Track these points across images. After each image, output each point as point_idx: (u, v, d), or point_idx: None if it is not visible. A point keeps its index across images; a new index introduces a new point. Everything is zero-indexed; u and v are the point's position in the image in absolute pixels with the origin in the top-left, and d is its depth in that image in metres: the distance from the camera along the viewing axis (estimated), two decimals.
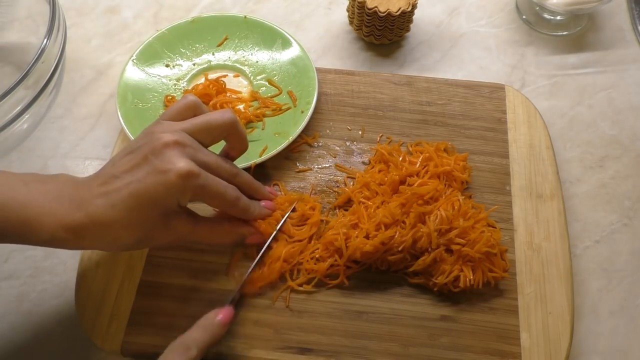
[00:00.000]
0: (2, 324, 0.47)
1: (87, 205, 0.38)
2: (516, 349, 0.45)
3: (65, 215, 0.37)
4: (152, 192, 0.38)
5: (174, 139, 0.39)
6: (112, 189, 0.38)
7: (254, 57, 0.60)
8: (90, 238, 0.38)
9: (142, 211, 0.38)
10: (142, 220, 0.39)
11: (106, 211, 0.38)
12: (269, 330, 0.45)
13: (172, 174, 0.38)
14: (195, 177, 0.38)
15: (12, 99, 0.53)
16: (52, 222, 0.37)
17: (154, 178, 0.38)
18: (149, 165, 0.38)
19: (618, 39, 0.65)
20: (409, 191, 0.48)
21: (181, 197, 0.39)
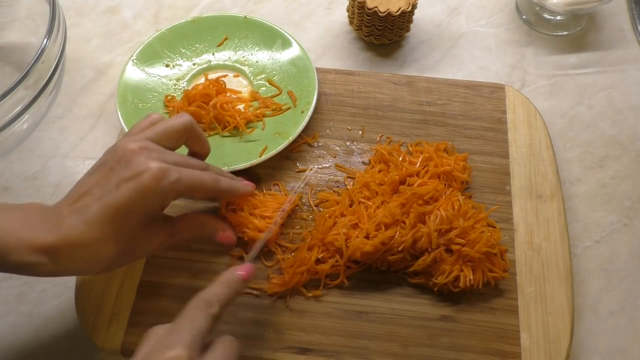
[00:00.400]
0: (2, 324, 0.47)
1: (59, 226, 0.36)
2: (516, 349, 0.45)
3: (35, 238, 0.36)
4: (127, 200, 0.37)
5: (139, 145, 0.38)
6: (82, 204, 0.37)
7: (254, 57, 0.60)
8: (67, 260, 0.37)
9: (119, 223, 0.37)
10: (119, 232, 0.37)
11: (80, 228, 0.36)
12: (269, 330, 0.45)
13: (144, 177, 0.37)
14: (167, 173, 0.38)
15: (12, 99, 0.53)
16: (21, 246, 0.35)
17: (127, 186, 0.37)
18: (118, 174, 0.37)
19: (618, 39, 0.65)
20: (409, 191, 0.48)
21: (162, 199, 0.39)
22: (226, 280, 0.39)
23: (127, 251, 0.39)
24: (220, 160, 0.52)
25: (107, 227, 0.37)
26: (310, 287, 0.47)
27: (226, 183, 0.44)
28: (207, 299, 0.37)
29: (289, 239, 0.49)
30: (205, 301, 0.36)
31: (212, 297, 0.37)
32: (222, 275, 0.39)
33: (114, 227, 0.37)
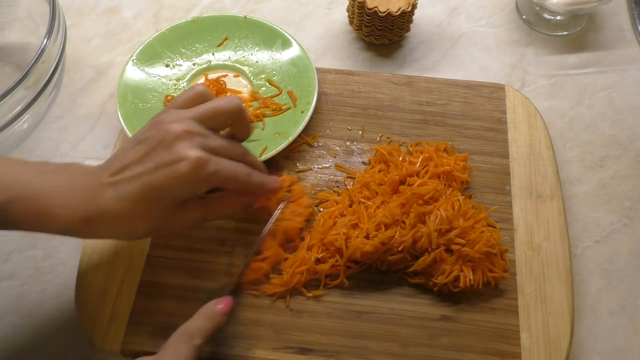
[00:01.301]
0: (2, 324, 0.47)
1: (99, 197, 0.38)
2: (516, 349, 0.45)
3: (78, 207, 0.37)
4: (163, 185, 0.38)
5: (183, 128, 0.38)
6: (120, 179, 0.38)
7: (254, 57, 0.60)
8: (102, 229, 0.38)
9: (153, 203, 0.38)
10: (153, 212, 0.39)
11: (117, 204, 0.38)
12: (269, 330, 0.45)
13: (183, 166, 0.37)
14: (205, 165, 0.38)
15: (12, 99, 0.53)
16: (66, 214, 0.37)
17: (165, 171, 0.37)
18: (159, 157, 0.38)
19: (618, 39, 0.65)
20: (409, 191, 0.48)
21: (196, 187, 0.39)
22: (206, 314, 0.40)
23: (159, 228, 0.40)
24: None
25: (141, 206, 0.38)
26: (310, 287, 0.47)
27: (258, 178, 0.43)
28: (190, 331, 0.38)
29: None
30: (188, 334, 0.38)
31: (194, 329, 0.39)
32: (202, 309, 0.41)
33: (148, 206, 0.38)
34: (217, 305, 0.41)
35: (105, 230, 0.39)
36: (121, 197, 0.38)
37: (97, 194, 0.38)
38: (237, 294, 0.45)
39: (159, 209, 0.39)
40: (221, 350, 0.44)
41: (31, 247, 0.51)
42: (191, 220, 0.42)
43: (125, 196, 0.38)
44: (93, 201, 0.38)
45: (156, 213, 0.39)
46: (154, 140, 0.39)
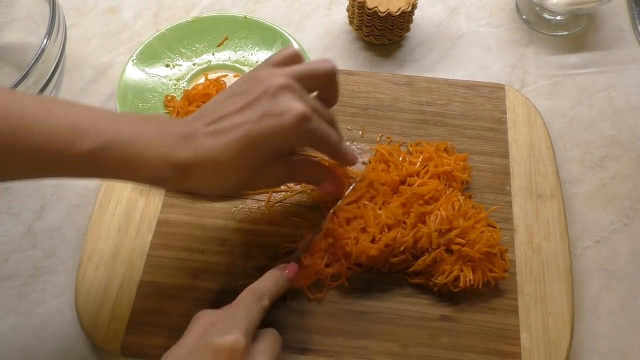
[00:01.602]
0: (2, 324, 0.47)
1: (196, 144, 0.37)
2: (516, 349, 0.45)
3: (171, 153, 0.36)
4: (268, 135, 0.37)
5: (286, 82, 0.38)
6: (221, 128, 0.37)
7: (254, 57, 0.60)
8: (196, 178, 0.37)
9: (254, 154, 0.38)
10: (251, 163, 0.38)
11: (216, 151, 0.37)
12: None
13: (288, 117, 0.37)
14: (309, 119, 0.38)
15: None
16: (159, 160, 0.36)
17: (270, 121, 0.37)
18: (263, 107, 0.37)
19: (618, 39, 0.65)
20: (409, 191, 0.48)
21: (297, 140, 0.39)
22: (275, 277, 0.41)
23: (249, 180, 0.39)
24: None
25: (241, 156, 0.37)
26: (311, 288, 0.47)
27: (345, 148, 0.44)
28: (260, 291, 0.39)
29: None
30: (257, 293, 0.38)
31: (263, 290, 0.39)
32: (270, 272, 0.41)
33: (247, 156, 0.37)
34: (286, 270, 0.42)
35: (197, 179, 0.37)
36: (222, 145, 0.37)
37: (194, 141, 0.37)
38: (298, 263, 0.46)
39: (256, 160, 0.38)
40: None
41: (31, 247, 0.51)
42: (276, 179, 0.42)
43: (227, 144, 0.37)
44: (189, 147, 0.36)
45: (252, 165, 0.38)
46: (255, 91, 0.38)
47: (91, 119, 0.36)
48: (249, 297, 0.38)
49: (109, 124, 0.36)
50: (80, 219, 0.52)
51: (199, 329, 0.37)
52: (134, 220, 0.50)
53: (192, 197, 0.51)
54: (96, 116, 0.36)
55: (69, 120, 0.35)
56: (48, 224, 0.52)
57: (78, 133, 0.35)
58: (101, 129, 0.35)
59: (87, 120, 0.35)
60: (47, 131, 0.34)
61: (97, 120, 0.36)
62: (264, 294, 0.39)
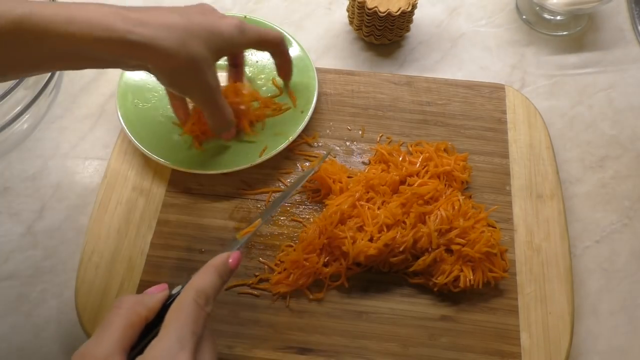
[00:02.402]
0: (2, 324, 0.47)
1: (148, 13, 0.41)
2: (516, 349, 0.45)
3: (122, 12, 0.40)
4: (215, 27, 0.44)
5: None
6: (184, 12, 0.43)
7: (254, 57, 0.60)
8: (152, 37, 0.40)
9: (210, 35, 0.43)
10: (207, 42, 0.43)
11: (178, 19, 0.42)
12: (269, 330, 0.45)
13: (231, 20, 0.45)
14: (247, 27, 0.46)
15: (12, 99, 0.53)
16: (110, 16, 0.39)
17: (219, 20, 0.44)
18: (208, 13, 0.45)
19: (618, 39, 0.65)
20: (409, 191, 0.48)
21: (240, 36, 0.45)
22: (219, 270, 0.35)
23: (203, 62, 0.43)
24: (221, 160, 0.52)
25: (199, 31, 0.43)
26: (311, 288, 0.47)
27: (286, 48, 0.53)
28: (205, 293, 0.34)
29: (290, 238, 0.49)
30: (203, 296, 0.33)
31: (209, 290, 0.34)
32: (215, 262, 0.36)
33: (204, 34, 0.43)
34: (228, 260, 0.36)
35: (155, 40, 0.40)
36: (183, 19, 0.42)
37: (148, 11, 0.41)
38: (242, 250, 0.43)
39: (209, 45, 0.43)
40: (221, 350, 0.44)
41: (31, 247, 0.51)
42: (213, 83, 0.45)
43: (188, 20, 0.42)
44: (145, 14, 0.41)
45: (208, 47, 0.43)
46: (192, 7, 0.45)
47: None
48: (194, 304, 0.32)
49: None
50: (80, 219, 0.52)
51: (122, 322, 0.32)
52: (134, 220, 0.50)
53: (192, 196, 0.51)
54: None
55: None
56: (48, 224, 0.52)
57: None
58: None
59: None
60: None
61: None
62: (210, 295, 0.34)
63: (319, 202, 0.51)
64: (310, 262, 0.46)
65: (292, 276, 0.46)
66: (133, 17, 0.39)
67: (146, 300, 0.33)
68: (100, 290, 0.47)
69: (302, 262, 0.46)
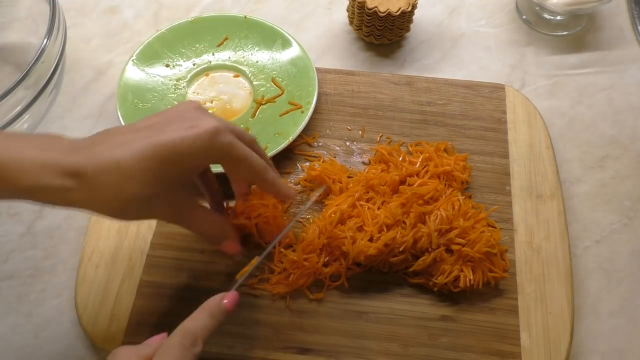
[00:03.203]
0: (2, 324, 0.47)
1: (90, 151, 0.33)
2: (516, 349, 0.45)
3: (59, 159, 0.32)
4: (175, 142, 0.34)
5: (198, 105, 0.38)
6: (126, 139, 0.34)
7: (254, 57, 0.60)
8: (89, 187, 0.33)
9: (163, 164, 0.34)
10: (157, 173, 0.34)
11: (120, 157, 0.33)
12: (269, 330, 0.45)
13: (200, 128, 0.35)
14: (224, 133, 0.36)
15: (12, 99, 0.53)
16: (40, 166, 0.32)
17: (180, 132, 0.34)
18: (175, 121, 0.35)
19: (618, 39, 0.65)
20: (409, 191, 0.48)
21: (208, 155, 0.36)
22: (212, 312, 0.36)
23: (148, 200, 0.35)
24: None
25: (152, 163, 0.34)
26: (311, 288, 0.47)
27: (274, 176, 0.41)
28: (193, 334, 0.34)
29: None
30: (190, 338, 0.34)
31: (198, 331, 0.35)
32: (208, 305, 0.37)
33: (159, 165, 0.34)
34: (223, 301, 0.37)
35: (91, 189, 0.33)
36: (122, 151, 0.33)
37: (90, 149, 0.34)
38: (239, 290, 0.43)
39: (162, 174, 0.35)
40: (221, 350, 0.44)
41: (31, 247, 0.51)
42: (175, 211, 0.38)
43: (128, 150, 0.33)
44: (81, 155, 0.33)
45: (158, 178, 0.34)
46: (171, 111, 0.37)
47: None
48: (179, 346, 0.33)
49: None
50: (80, 219, 0.52)
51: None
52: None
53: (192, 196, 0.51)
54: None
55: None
56: (48, 224, 0.52)
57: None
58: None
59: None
60: None
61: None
62: (198, 336, 0.34)
63: (318, 202, 0.51)
64: (310, 262, 0.46)
65: (292, 276, 0.46)
66: (68, 168, 0.32)
67: (142, 351, 0.34)
68: (100, 290, 0.47)
69: (301, 262, 0.46)
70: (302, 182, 0.52)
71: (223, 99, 0.58)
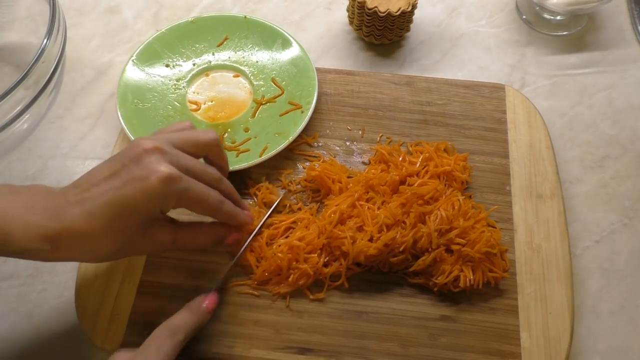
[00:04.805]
0: (2, 324, 0.47)
1: (63, 215, 0.36)
2: (516, 349, 0.45)
3: (38, 225, 0.36)
4: (130, 199, 0.36)
5: (154, 145, 0.38)
6: (88, 196, 0.37)
7: (254, 57, 0.60)
8: (66, 248, 0.37)
9: (121, 220, 0.37)
10: (121, 229, 0.38)
11: (82, 220, 0.36)
12: (269, 330, 0.45)
13: (152, 180, 0.36)
14: (176, 181, 0.37)
15: (12, 99, 0.53)
16: (24, 233, 0.36)
17: (133, 185, 0.36)
18: (128, 172, 0.37)
19: (618, 39, 0.65)
20: (409, 191, 0.48)
21: (163, 203, 0.38)
22: (192, 309, 0.41)
23: (124, 248, 0.39)
24: None
25: (107, 222, 0.37)
26: (311, 288, 0.47)
27: (228, 208, 0.43)
28: (173, 326, 0.39)
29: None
30: (171, 329, 0.39)
31: (177, 324, 0.39)
32: (190, 304, 0.42)
33: (114, 223, 0.37)
34: (203, 302, 0.42)
35: (68, 250, 0.37)
36: (87, 213, 0.36)
37: (62, 211, 0.37)
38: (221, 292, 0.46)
39: (126, 226, 0.38)
40: (221, 350, 0.44)
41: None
42: (159, 244, 0.41)
43: (92, 212, 0.36)
44: (57, 219, 0.36)
45: (123, 231, 0.38)
46: (124, 156, 0.38)
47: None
48: (160, 333, 0.38)
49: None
50: None
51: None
52: None
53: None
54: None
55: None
56: None
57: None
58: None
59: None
60: None
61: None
62: (179, 328, 0.39)
63: (318, 202, 0.51)
64: (310, 262, 0.46)
65: (292, 276, 0.46)
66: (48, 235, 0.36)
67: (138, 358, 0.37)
68: (100, 290, 0.47)
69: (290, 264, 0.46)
70: (302, 182, 0.52)
71: (223, 99, 0.58)
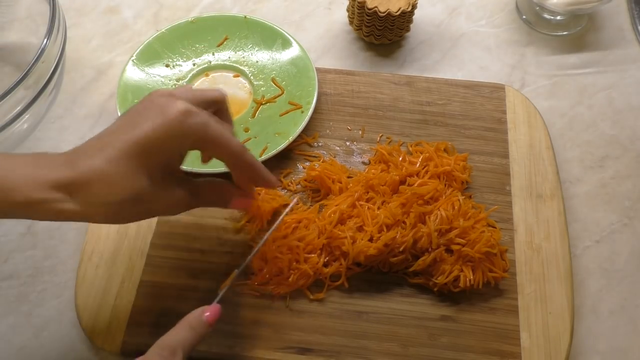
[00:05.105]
0: (2, 324, 0.47)
1: (77, 163, 0.34)
2: (516, 349, 0.45)
3: (47, 174, 0.33)
4: (151, 135, 0.34)
5: (167, 92, 0.36)
6: (104, 143, 0.34)
7: (254, 57, 0.60)
8: (82, 198, 0.34)
9: (142, 159, 0.34)
10: (142, 170, 0.35)
11: (102, 165, 0.33)
12: (269, 330, 0.45)
13: (170, 112, 0.34)
14: (194, 114, 0.35)
15: (12, 99, 0.53)
16: (29, 184, 0.33)
17: (153, 121, 0.34)
18: (144, 115, 0.35)
19: (618, 39, 0.65)
20: (409, 191, 0.48)
21: (183, 139, 0.36)
22: (192, 325, 0.37)
23: (145, 200, 0.36)
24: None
25: (128, 163, 0.34)
26: (311, 288, 0.47)
27: (251, 158, 0.40)
28: (172, 345, 0.35)
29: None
30: (169, 348, 0.35)
31: (176, 343, 0.36)
32: (188, 318, 0.38)
33: (138, 162, 0.34)
34: (204, 314, 0.38)
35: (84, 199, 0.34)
36: (106, 159, 0.34)
37: (76, 161, 0.34)
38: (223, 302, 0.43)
39: (148, 166, 0.35)
40: (221, 350, 0.44)
41: (31, 247, 0.51)
42: (177, 198, 0.38)
43: (111, 156, 0.34)
44: (70, 168, 0.34)
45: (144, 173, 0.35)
46: (139, 106, 0.36)
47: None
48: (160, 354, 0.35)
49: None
50: None
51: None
52: None
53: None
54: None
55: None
56: (48, 224, 0.52)
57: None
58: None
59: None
60: None
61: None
62: (177, 347, 0.35)
63: (318, 202, 0.51)
64: (310, 262, 0.46)
65: (293, 277, 0.46)
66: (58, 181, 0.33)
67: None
68: (100, 290, 0.47)
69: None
70: (302, 182, 0.52)
71: None
